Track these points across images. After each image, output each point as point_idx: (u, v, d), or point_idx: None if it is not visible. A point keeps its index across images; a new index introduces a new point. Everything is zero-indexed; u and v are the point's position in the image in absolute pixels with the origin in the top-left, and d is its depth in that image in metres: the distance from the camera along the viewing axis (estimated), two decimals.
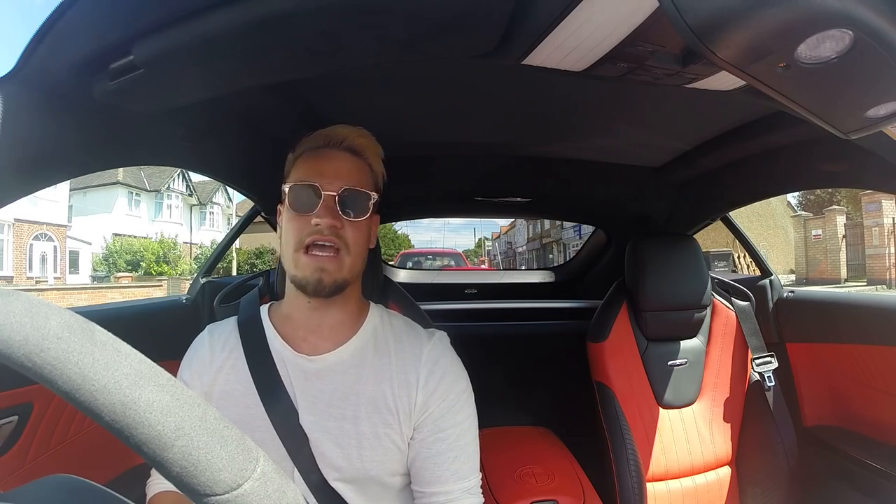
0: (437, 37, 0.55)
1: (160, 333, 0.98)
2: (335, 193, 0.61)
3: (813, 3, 0.32)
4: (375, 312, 0.71)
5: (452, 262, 9.41)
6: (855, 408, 1.16)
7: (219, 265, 1.43)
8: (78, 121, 0.58)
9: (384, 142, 0.71)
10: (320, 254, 0.61)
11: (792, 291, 1.34)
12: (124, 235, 17.84)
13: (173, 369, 0.67)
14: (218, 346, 0.68)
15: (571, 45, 0.58)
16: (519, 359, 1.65)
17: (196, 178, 22.03)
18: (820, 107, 0.47)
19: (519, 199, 1.63)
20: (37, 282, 14.21)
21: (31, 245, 15.30)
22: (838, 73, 0.39)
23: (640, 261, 1.28)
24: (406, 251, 12.80)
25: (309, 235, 0.61)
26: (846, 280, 12.89)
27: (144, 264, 17.05)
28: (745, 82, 0.45)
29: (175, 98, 0.64)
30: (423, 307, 1.03)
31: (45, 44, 0.49)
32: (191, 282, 1.29)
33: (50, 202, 15.59)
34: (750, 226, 16.66)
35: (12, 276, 14.31)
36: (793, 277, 14.09)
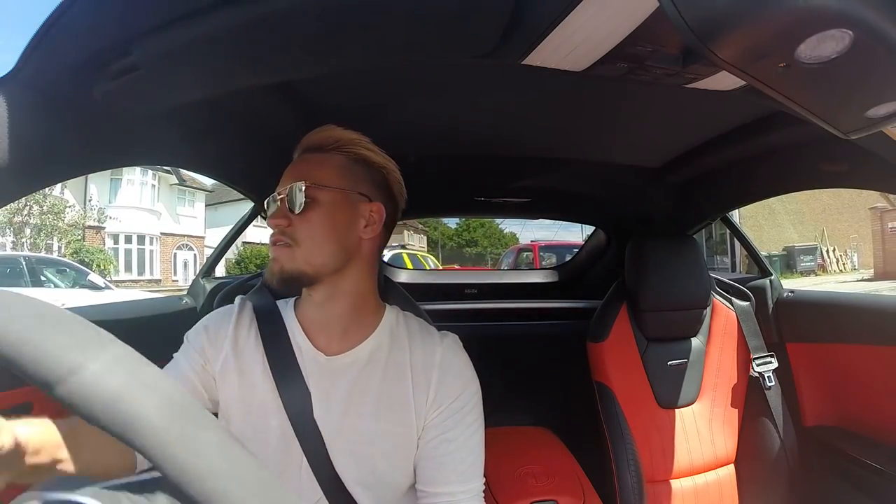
0: (437, 37, 0.55)
1: (159, 334, 0.97)
2: (283, 196, 0.64)
3: (813, 3, 0.32)
4: (391, 314, 0.71)
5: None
6: (855, 408, 1.16)
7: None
8: (78, 121, 0.58)
9: (384, 143, 0.71)
10: (273, 244, 0.64)
11: (792, 292, 1.34)
12: (253, 244, 19.16)
13: None
14: (245, 322, 0.69)
15: (571, 45, 0.58)
16: (519, 359, 1.65)
17: None
18: (820, 107, 0.47)
19: (519, 199, 1.63)
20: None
21: (175, 254, 18.34)
22: (838, 73, 0.39)
23: (640, 261, 1.28)
24: None
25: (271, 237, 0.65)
26: None
27: None
28: (745, 82, 0.45)
29: (175, 98, 0.64)
30: (423, 307, 1.03)
31: (45, 44, 0.49)
32: None
33: (190, 218, 18.99)
34: (840, 217, 15.56)
35: (160, 279, 17.16)
36: (871, 272, 12.95)
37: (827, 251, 12.28)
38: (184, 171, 16.77)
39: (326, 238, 0.64)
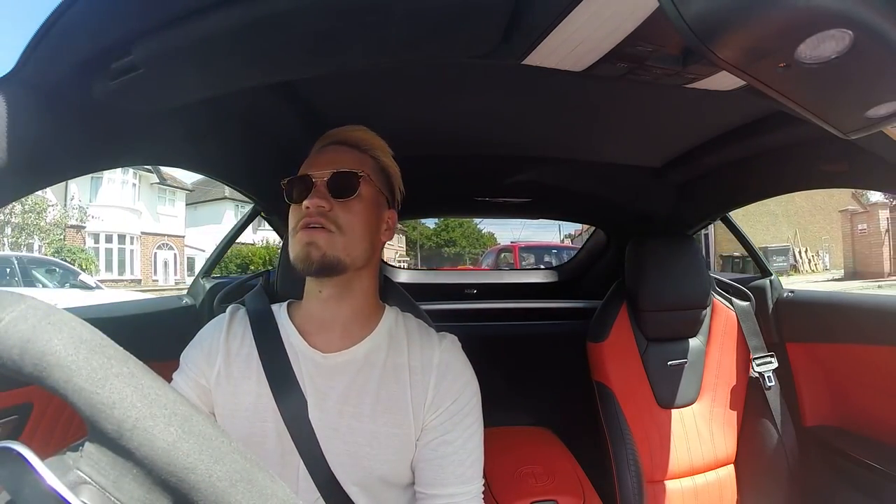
0: (437, 37, 0.55)
1: (160, 334, 0.98)
2: (325, 178, 0.64)
3: (813, 3, 0.32)
4: (391, 315, 0.71)
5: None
6: (855, 408, 1.16)
7: None
8: (78, 121, 0.58)
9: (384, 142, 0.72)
10: (311, 227, 0.62)
11: (792, 292, 1.34)
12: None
13: (174, 370, 0.67)
14: (237, 330, 0.68)
15: (571, 45, 0.58)
16: (519, 359, 1.65)
17: None
18: (820, 107, 0.47)
19: (519, 199, 1.63)
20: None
21: (156, 254, 18.37)
22: (838, 73, 0.39)
23: (640, 261, 1.28)
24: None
25: (301, 219, 0.62)
26: (889, 274, 12.60)
27: (253, 267, 18.34)
28: (745, 82, 0.44)
29: (175, 98, 0.64)
30: (423, 307, 1.03)
31: (45, 44, 0.49)
32: None
33: (170, 217, 19.03)
34: (812, 219, 16.11)
35: (140, 279, 17.21)
36: (842, 272, 13.79)
37: (799, 252, 12.59)
38: (164, 170, 16.67)
39: (365, 232, 0.65)
